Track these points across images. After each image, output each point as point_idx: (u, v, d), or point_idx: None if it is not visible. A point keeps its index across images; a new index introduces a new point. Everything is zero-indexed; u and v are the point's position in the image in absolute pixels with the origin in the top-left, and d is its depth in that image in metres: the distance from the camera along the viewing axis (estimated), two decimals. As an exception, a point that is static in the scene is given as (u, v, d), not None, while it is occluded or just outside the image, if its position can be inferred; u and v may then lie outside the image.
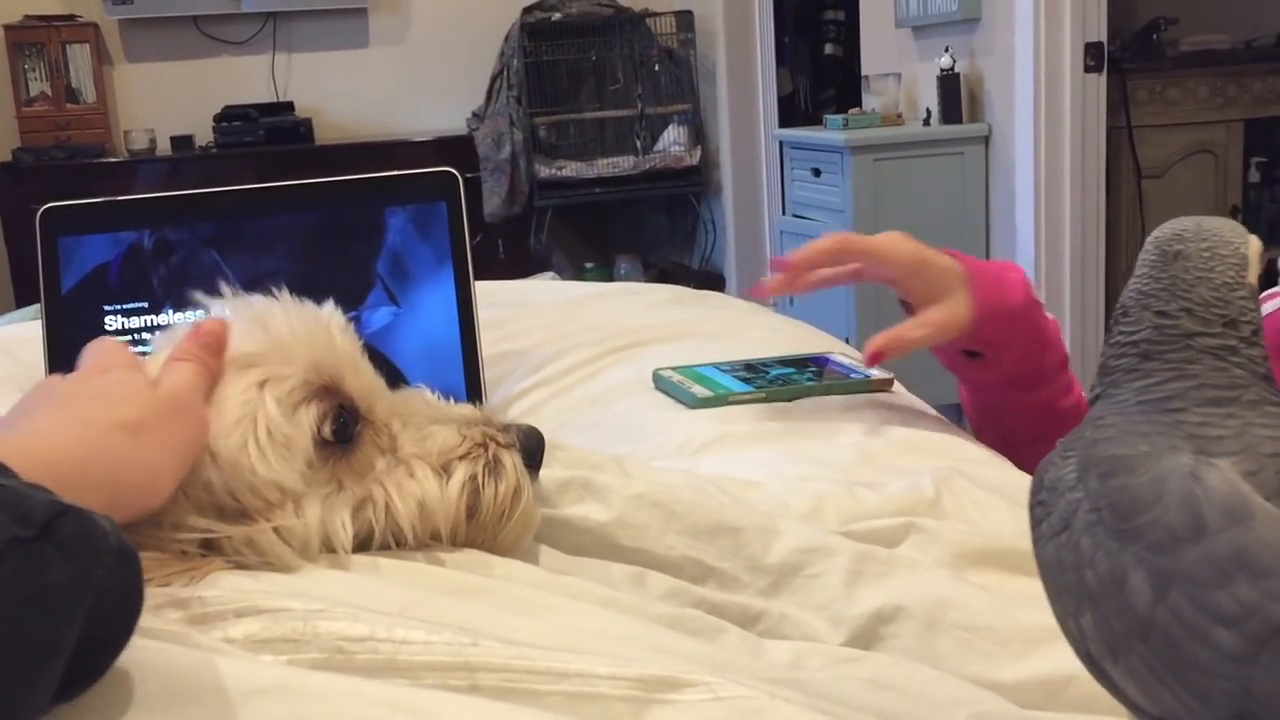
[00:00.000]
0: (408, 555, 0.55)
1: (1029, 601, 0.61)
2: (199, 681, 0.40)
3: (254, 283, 0.98)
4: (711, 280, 4.98)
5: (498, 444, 0.59)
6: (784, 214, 4.24)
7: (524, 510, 0.58)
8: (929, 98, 3.70)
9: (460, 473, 0.57)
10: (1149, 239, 0.48)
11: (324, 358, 0.57)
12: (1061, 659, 0.56)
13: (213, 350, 0.57)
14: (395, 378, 0.73)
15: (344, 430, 0.56)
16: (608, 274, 5.13)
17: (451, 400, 0.63)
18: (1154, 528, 0.40)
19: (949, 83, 3.57)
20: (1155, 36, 3.92)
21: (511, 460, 0.59)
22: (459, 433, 0.59)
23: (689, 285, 1.77)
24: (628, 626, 0.50)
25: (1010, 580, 0.64)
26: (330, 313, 0.61)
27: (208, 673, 0.40)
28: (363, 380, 0.59)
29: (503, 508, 0.58)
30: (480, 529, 0.57)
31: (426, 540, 0.56)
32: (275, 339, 0.57)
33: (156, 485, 0.50)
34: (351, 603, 0.45)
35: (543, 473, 0.62)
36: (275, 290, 0.63)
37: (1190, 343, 0.45)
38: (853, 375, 1.07)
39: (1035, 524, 0.45)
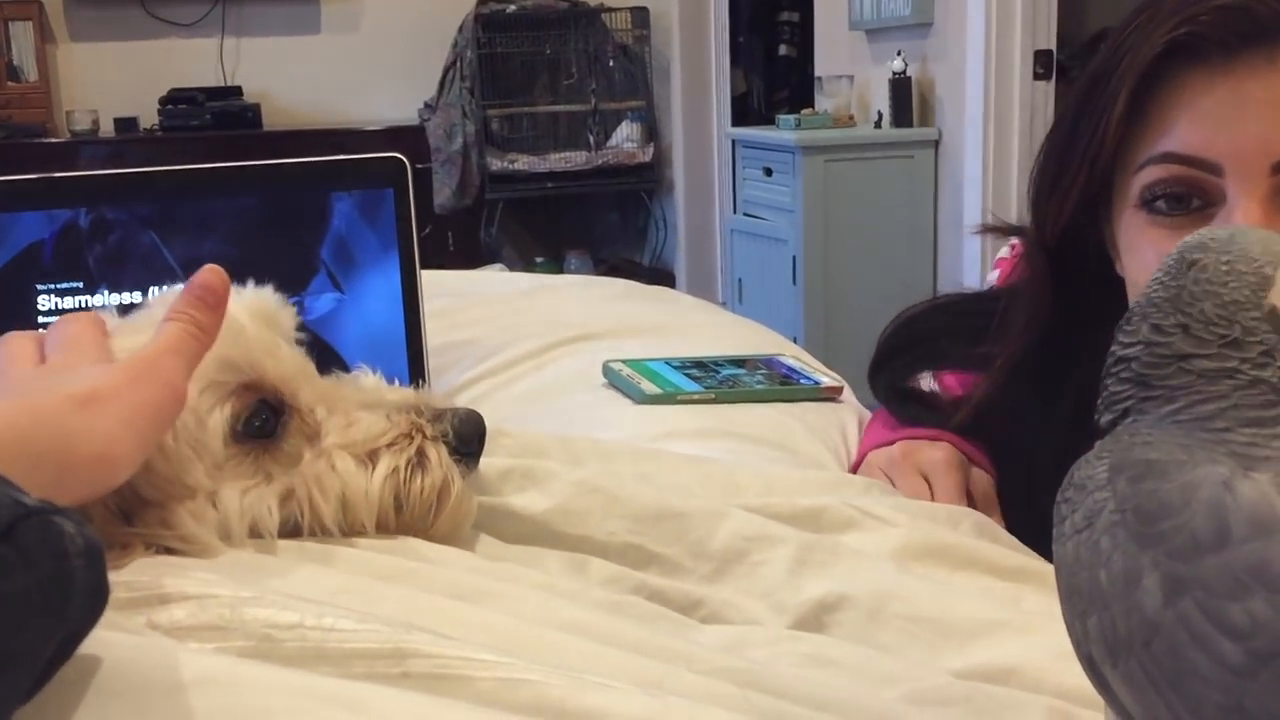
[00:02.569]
0: (342, 540, 0.53)
1: (972, 595, 0.61)
2: (122, 674, 0.38)
3: (193, 265, 0.96)
4: (661, 277, 4.98)
5: (424, 436, 0.57)
6: (735, 213, 4.25)
7: (454, 504, 0.57)
8: (881, 100, 3.73)
9: (384, 465, 0.56)
10: (1180, 243, 0.45)
11: (234, 354, 0.55)
12: (1003, 651, 0.56)
13: (208, 305, 0.52)
14: (337, 365, 0.72)
15: (265, 425, 0.54)
16: (558, 269, 5.12)
17: (395, 382, 0.62)
18: (1178, 533, 0.39)
19: (901, 86, 3.60)
20: (1103, 46, 3.97)
21: (437, 454, 0.57)
22: (387, 419, 0.57)
23: (639, 282, 1.77)
24: (568, 612, 0.49)
25: (954, 574, 0.64)
26: (255, 296, 0.59)
27: (132, 665, 0.39)
28: (284, 368, 0.57)
29: (429, 501, 0.56)
30: (409, 522, 0.56)
31: (353, 533, 0.54)
32: None
33: (113, 456, 0.47)
34: (282, 590, 0.44)
35: (485, 461, 0.61)
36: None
37: (1183, 365, 0.43)
38: (802, 381, 1.07)
39: (1059, 521, 0.44)
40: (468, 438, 0.59)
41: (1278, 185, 0.71)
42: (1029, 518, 0.85)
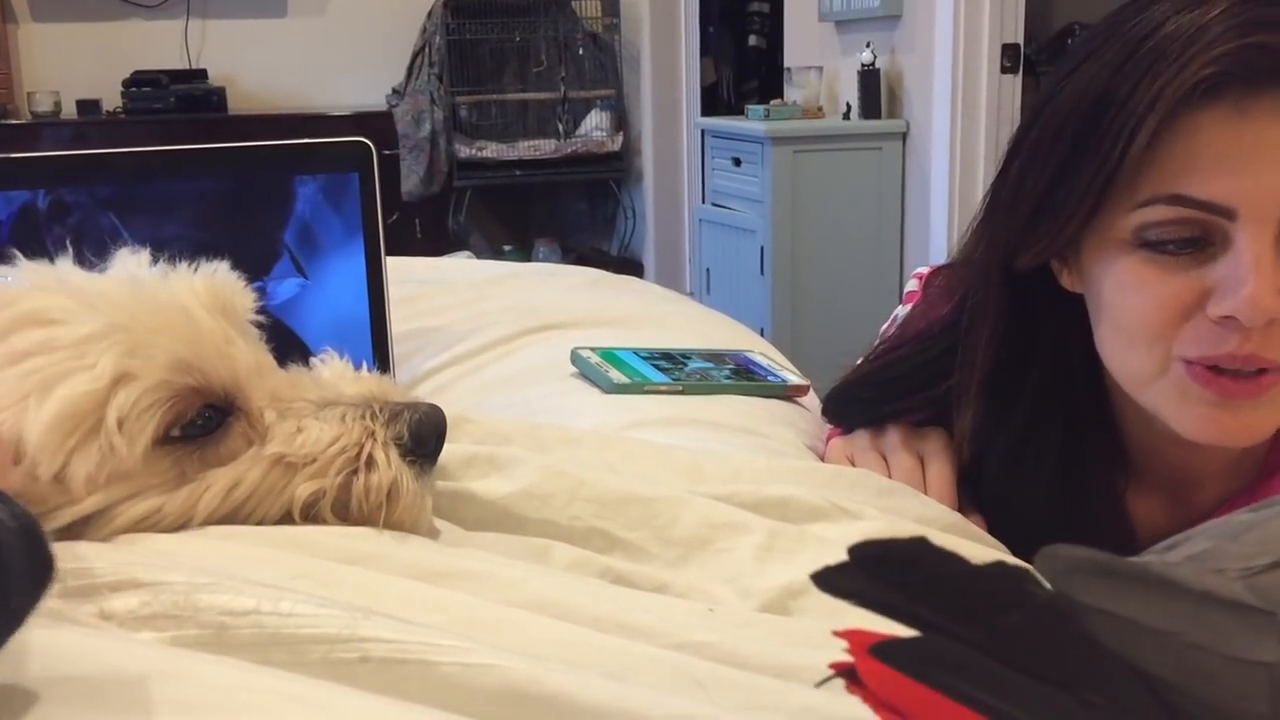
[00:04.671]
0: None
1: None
2: (76, 667, 0.37)
3: (154, 248, 0.95)
4: (630, 267, 4.97)
5: (375, 441, 0.55)
6: (704, 202, 4.25)
7: (405, 504, 0.55)
8: (849, 92, 3.73)
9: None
10: None
11: (187, 355, 0.53)
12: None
13: None
14: (300, 351, 0.71)
15: (206, 424, 0.53)
16: (526, 257, 5.10)
17: (364, 367, 0.61)
18: None
19: (869, 78, 3.61)
20: (1070, 41, 4.01)
21: (387, 455, 0.55)
22: (341, 422, 0.55)
23: (607, 271, 1.76)
24: (530, 590, 0.48)
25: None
26: (211, 280, 0.58)
27: (85, 659, 0.38)
28: (236, 368, 0.55)
29: (378, 501, 0.55)
30: (358, 522, 0.55)
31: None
32: (133, 324, 0.52)
33: None
34: (239, 575, 0.43)
35: (449, 447, 0.60)
36: (166, 257, 0.60)
37: None
38: (770, 378, 1.07)
39: None
40: (424, 438, 0.57)
41: None
42: (989, 516, 0.86)
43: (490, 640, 0.42)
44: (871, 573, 0.32)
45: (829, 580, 0.31)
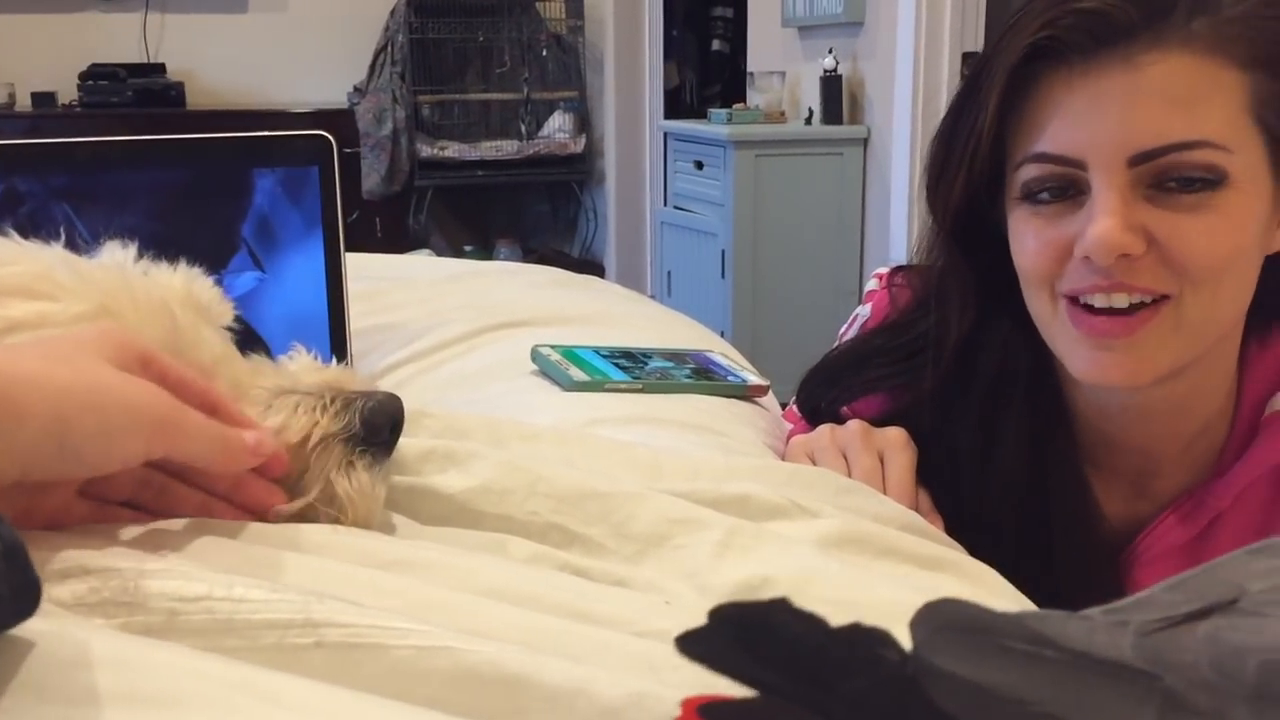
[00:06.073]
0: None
1: (891, 579, 0.62)
2: (21, 652, 0.37)
3: (108, 239, 0.93)
4: (591, 269, 4.97)
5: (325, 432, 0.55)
6: (665, 205, 4.25)
7: (357, 509, 0.55)
8: (811, 97, 3.76)
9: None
10: None
11: (166, 338, 0.53)
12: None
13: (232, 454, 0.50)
14: (258, 347, 0.70)
15: None
16: (487, 258, 5.09)
17: (333, 361, 0.60)
18: None
19: (831, 84, 3.63)
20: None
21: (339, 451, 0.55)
22: (293, 412, 0.55)
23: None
24: (487, 578, 0.48)
25: (875, 561, 0.64)
26: (190, 283, 0.58)
27: (32, 643, 0.37)
28: (202, 355, 0.55)
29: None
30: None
31: None
32: (119, 307, 0.52)
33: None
34: (191, 561, 0.43)
35: (406, 441, 0.60)
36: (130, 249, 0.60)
37: None
38: (730, 378, 1.07)
39: None
40: (378, 426, 0.56)
41: (1135, 177, 0.76)
42: (954, 505, 0.87)
43: (446, 623, 0.42)
44: (727, 637, 0.31)
45: (689, 644, 0.31)
